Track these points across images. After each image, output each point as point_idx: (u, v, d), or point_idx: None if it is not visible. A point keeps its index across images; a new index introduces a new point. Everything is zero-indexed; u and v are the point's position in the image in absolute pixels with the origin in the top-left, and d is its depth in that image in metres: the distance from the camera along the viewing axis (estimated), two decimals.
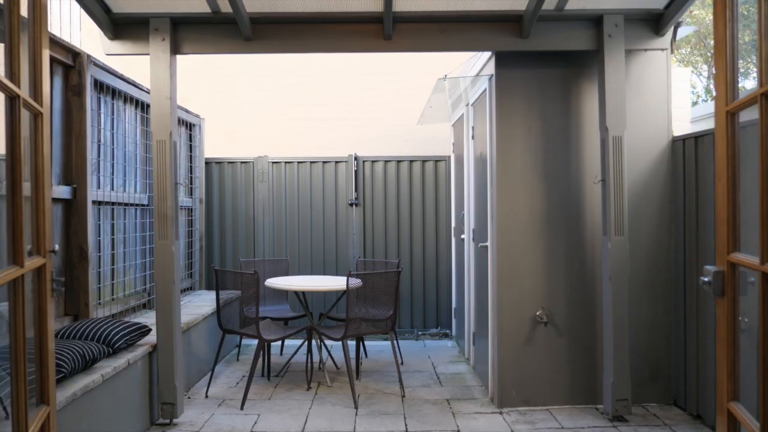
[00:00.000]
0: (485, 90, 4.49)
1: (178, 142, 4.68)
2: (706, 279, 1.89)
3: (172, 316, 3.86)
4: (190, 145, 6.25)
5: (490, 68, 4.24)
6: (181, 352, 3.98)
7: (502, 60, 4.13)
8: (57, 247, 2.45)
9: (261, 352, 4.47)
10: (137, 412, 3.67)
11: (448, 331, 6.54)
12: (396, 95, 7.11)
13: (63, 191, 3.84)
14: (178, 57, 4.02)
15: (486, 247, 4.48)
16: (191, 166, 6.25)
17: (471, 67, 4.74)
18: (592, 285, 4.11)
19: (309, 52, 4.38)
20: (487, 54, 4.26)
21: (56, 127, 3.84)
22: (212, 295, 5.39)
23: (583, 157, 4.13)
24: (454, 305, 6.31)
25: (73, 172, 3.95)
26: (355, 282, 4.65)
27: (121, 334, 3.55)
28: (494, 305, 4.22)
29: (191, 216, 6.24)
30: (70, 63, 3.91)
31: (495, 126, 4.18)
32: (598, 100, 3.96)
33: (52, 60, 3.77)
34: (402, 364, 5.42)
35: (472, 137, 5.18)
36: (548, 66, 4.13)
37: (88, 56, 3.98)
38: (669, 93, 4.14)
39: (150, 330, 3.90)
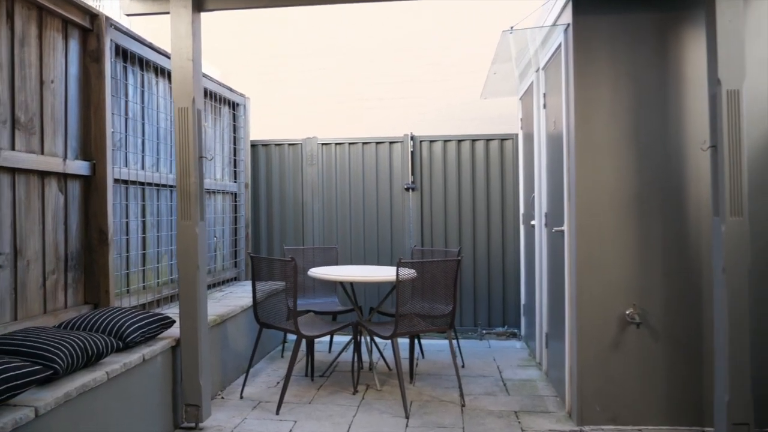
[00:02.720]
0: (559, 46, 3.79)
1: (203, 111, 4.17)
2: None
3: (196, 307, 3.39)
4: (234, 126, 5.83)
5: (567, 17, 3.54)
6: (207, 347, 3.51)
7: (580, 5, 3.42)
8: None
9: (299, 350, 3.95)
10: (156, 414, 3.23)
11: (516, 330, 5.84)
12: (456, 71, 6.45)
13: (80, 167, 3.45)
14: (214, 27, 3.54)
15: (562, 231, 3.78)
16: (235, 149, 5.83)
17: (542, 21, 4.04)
18: (698, 278, 3.34)
19: (342, 2, 3.76)
20: (562, 1, 3.56)
21: (73, 97, 3.45)
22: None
23: (685, 119, 3.36)
24: (523, 301, 5.60)
25: (92, 146, 3.55)
26: (408, 272, 4.05)
27: (135, 326, 3.10)
28: (572, 301, 3.53)
29: (236, 201, 5.83)
30: (88, 26, 3.51)
31: (573, 88, 3.48)
32: (706, 46, 3.18)
33: (67, 22, 3.39)
34: (463, 367, 4.78)
35: (544, 106, 4.47)
36: (639, 10, 3.39)
37: (107, 18, 3.57)
38: None
39: (173, 322, 3.46)
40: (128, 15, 3.55)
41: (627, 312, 3.37)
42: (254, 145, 6.15)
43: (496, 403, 3.91)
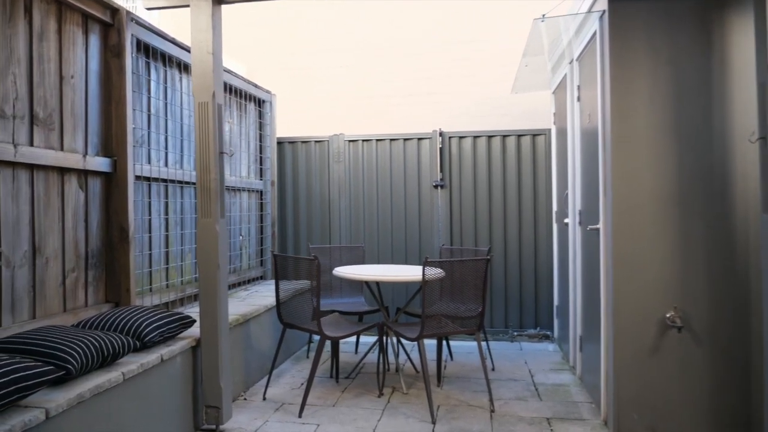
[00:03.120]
0: (594, 35, 3.60)
1: (224, 106, 4.10)
2: None
3: (217, 306, 3.32)
4: (260, 123, 5.77)
5: (602, 3, 3.35)
6: (228, 347, 3.43)
7: None
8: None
9: (323, 350, 3.85)
10: (175, 416, 3.16)
11: (548, 332, 5.64)
12: (487, 66, 6.27)
13: (101, 163, 3.40)
14: (239, 23, 3.46)
15: (597, 230, 3.59)
16: (261, 146, 5.77)
17: (576, 10, 3.85)
18: (745, 280, 3.11)
19: None
20: None
21: (93, 92, 3.41)
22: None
23: (730, 109, 3.14)
24: (556, 302, 5.40)
25: (113, 142, 3.51)
26: (435, 272, 3.91)
27: (154, 326, 3.04)
28: (608, 303, 3.34)
29: (262, 199, 5.76)
30: (109, 20, 3.47)
31: (608, 78, 3.28)
32: (754, 31, 2.96)
33: (88, 17, 3.34)
34: (493, 370, 4.62)
35: (578, 99, 4.27)
36: None
37: (128, 12, 3.52)
38: None
39: (194, 322, 3.39)
40: (148, 9, 3.50)
41: (667, 315, 3.17)
42: (280, 143, 6.08)
43: (528, 408, 3.75)
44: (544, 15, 3.64)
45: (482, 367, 3.82)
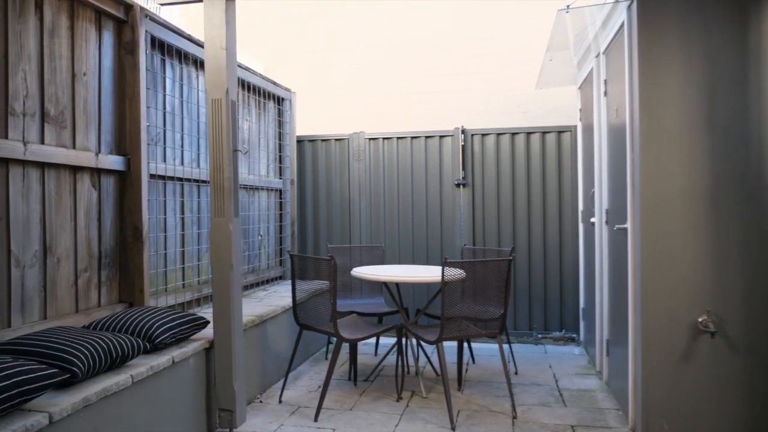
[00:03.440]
0: (622, 26, 3.43)
1: (237, 102, 4.03)
2: None
3: (230, 307, 3.25)
4: (280, 121, 5.71)
5: None
6: (242, 349, 3.36)
7: None
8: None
9: (339, 353, 3.76)
10: (187, 420, 3.10)
11: (574, 335, 5.47)
12: (509, 61, 6.11)
13: (114, 161, 3.36)
14: (259, 20, 3.39)
15: (624, 229, 3.43)
16: (281, 144, 5.70)
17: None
18: None
19: None
20: None
21: (107, 90, 3.37)
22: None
23: None
24: (582, 304, 5.23)
25: (127, 140, 3.46)
26: (455, 272, 3.79)
27: (165, 327, 2.98)
28: (636, 306, 3.18)
29: (282, 198, 5.70)
30: (122, 17, 3.42)
31: (637, 71, 3.12)
32: None
33: (101, 13, 3.30)
34: (516, 374, 4.48)
35: (605, 94, 4.11)
36: None
37: (142, 8, 3.48)
38: None
39: (207, 323, 3.32)
40: (162, 4, 3.45)
41: (700, 319, 3.00)
42: (300, 141, 6.01)
43: (551, 415, 3.60)
44: (568, 6, 3.49)
45: (504, 371, 3.68)
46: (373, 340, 5.15)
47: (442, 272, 3.49)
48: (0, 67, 2.65)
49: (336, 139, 5.96)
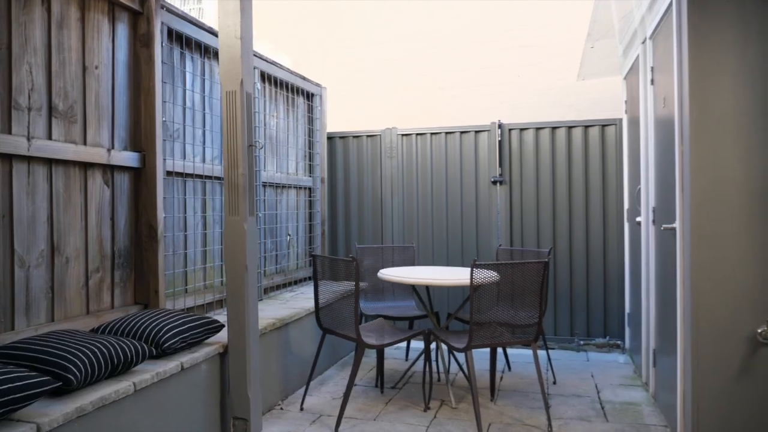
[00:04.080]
0: (670, 6, 3.11)
1: (254, 94, 3.86)
2: None
3: (245, 311, 3.08)
4: (310, 117, 5.55)
5: None
6: (257, 355, 3.19)
7: None
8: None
9: (362, 359, 3.55)
10: (199, 429, 2.95)
11: (619, 342, 5.11)
12: (548, 53, 5.79)
13: (128, 158, 3.25)
14: (288, 14, 3.22)
15: (673, 229, 3.10)
16: (311, 141, 5.54)
17: None
18: None
19: None
20: None
21: (121, 84, 3.25)
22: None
23: None
24: (627, 309, 4.88)
25: (142, 136, 3.35)
26: (487, 275, 3.53)
27: (174, 331, 2.84)
28: (685, 314, 2.86)
29: (311, 197, 5.54)
30: (137, 8, 3.31)
31: (687, 54, 2.80)
32: None
33: (115, 4, 3.19)
34: (554, 383, 4.18)
35: (651, 82, 3.78)
36: None
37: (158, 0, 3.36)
38: None
39: (222, 327, 3.18)
40: None
41: (759, 331, 2.66)
42: (331, 138, 5.84)
43: (591, 431, 3.31)
44: None
45: (539, 382, 3.41)
46: (403, 344, 4.92)
47: (471, 275, 3.24)
48: (2, 59, 2.55)
49: (368, 136, 5.76)
